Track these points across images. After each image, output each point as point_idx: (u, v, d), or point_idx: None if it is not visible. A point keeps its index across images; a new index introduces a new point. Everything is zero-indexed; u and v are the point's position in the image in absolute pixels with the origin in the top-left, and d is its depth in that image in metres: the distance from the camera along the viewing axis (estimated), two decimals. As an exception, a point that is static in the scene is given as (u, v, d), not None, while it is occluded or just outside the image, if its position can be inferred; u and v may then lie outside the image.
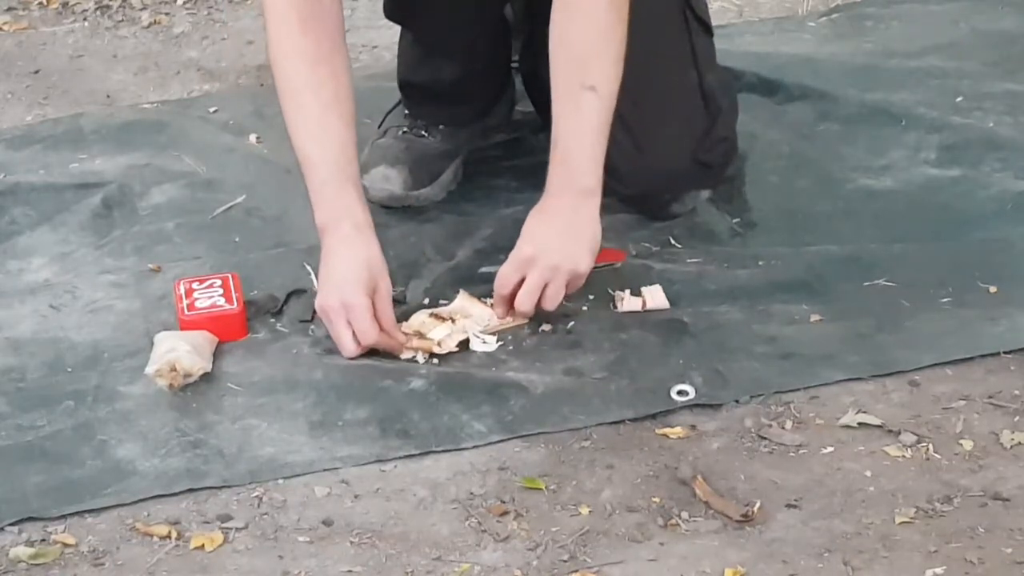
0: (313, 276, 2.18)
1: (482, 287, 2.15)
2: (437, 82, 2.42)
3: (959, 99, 2.55)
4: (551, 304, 2.04)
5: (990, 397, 1.88)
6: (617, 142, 2.24)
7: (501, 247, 2.23)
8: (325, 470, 1.83)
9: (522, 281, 2.03)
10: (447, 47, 2.41)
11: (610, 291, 2.14)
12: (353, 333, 2.01)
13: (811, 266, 2.15)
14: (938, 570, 1.63)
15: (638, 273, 2.17)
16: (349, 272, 2.04)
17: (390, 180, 2.33)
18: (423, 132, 2.40)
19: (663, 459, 1.82)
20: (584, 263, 2.04)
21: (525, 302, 2.03)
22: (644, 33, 2.19)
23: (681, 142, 2.28)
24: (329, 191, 2.07)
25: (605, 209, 2.28)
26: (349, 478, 1.82)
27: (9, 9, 3.17)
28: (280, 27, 2.11)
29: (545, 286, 2.03)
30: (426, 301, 2.15)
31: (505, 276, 2.04)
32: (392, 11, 2.39)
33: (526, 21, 2.43)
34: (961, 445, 1.81)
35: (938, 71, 2.66)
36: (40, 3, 3.20)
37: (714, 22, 2.42)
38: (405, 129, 2.41)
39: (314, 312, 2.11)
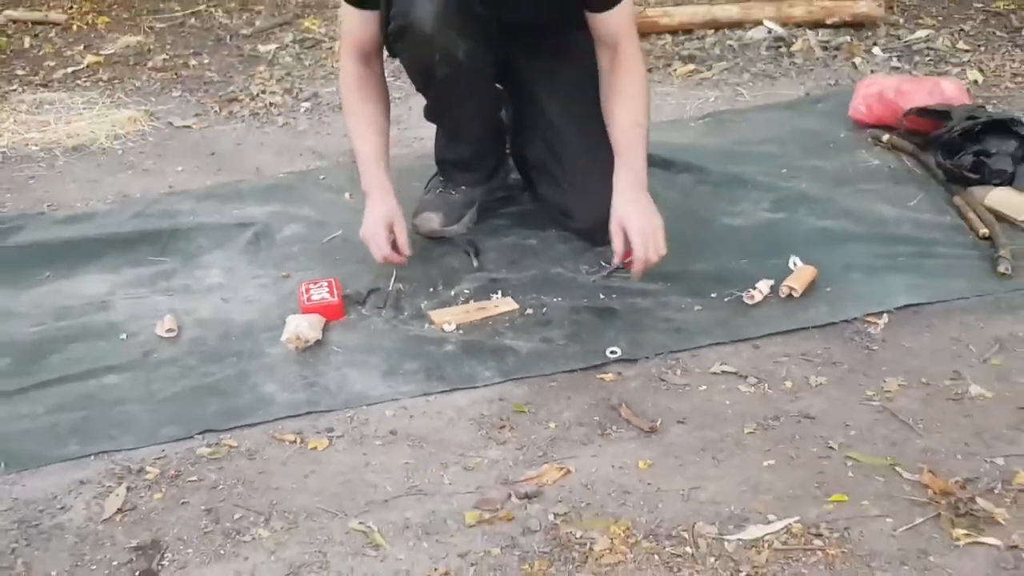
0: (393, 279, 2.19)
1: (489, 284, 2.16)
2: (459, 159, 2.40)
3: (784, 171, 2.55)
4: (658, 255, 2.02)
5: (803, 354, 1.90)
6: (571, 197, 2.25)
7: (501, 262, 2.24)
8: (391, 400, 1.84)
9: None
10: (464, 138, 2.39)
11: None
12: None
13: (693, 275, 2.15)
14: (771, 461, 1.65)
15: (581, 284, 2.16)
16: (375, 217, 2.13)
17: (432, 220, 2.32)
18: (452, 191, 2.38)
19: (601, 393, 1.83)
20: (662, 228, 2.04)
21: (650, 252, 2.01)
22: (589, 132, 2.20)
23: (610, 198, 2.24)
24: (368, 173, 2.18)
25: (564, 239, 2.29)
26: (407, 405, 1.83)
27: (197, 115, 3.17)
28: (344, 79, 2.22)
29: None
30: (452, 293, 2.14)
31: (619, 244, 2.04)
32: (429, 116, 2.37)
33: (514, 121, 2.42)
34: (785, 385, 1.83)
35: (771, 154, 2.65)
36: (215, 111, 3.20)
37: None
38: (440, 189, 2.40)
39: (386, 300, 2.13)
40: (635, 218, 2.03)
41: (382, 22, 2.13)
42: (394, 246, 2.14)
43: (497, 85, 2.34)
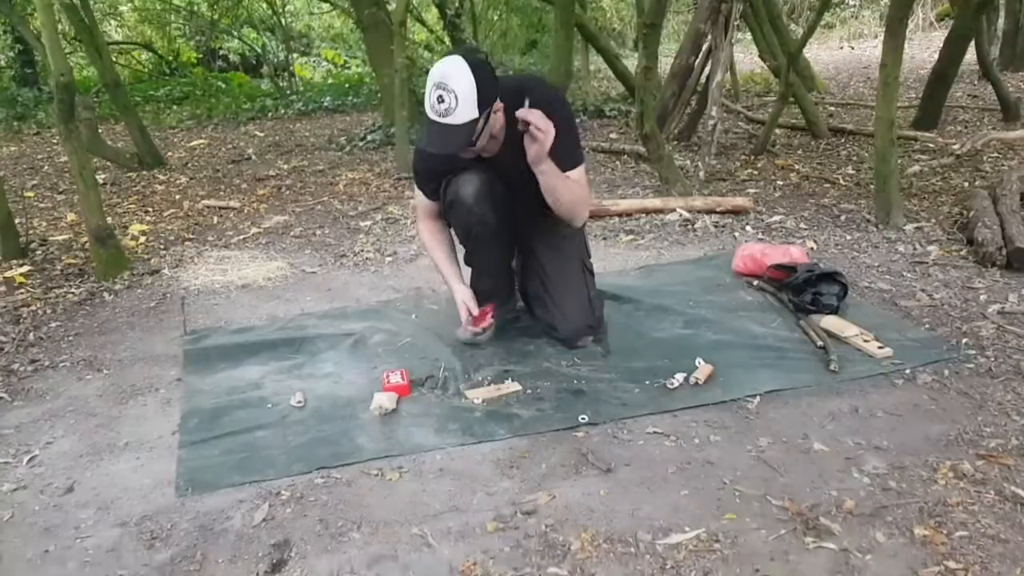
0: (442, 369, 2.17)
1: (503, 373, 2.14)
2: (484, 288, 2.40)
3: (691, 302, 2.58)
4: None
5: (706, 421, 1.89)
6: (555, 316, 2.27)
7: (510, 360, 2.24)
8: (440, 448, 1.83)
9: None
10: (489, 275, 2.41)
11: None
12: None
13: (634, 369, 2.14)
14: (686, 491, 1.63)
15: (562, 374, 2.14)
16: (461, 296, 2.27)
17: (467, 332, 2.33)
18: None
19: (576, 445, 1.82)
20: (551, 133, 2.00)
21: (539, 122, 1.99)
22: (567, 275, 2.24)
23: (581, 317, 2.28)
24: (450, 278, 2.30)
25: (551, 344, 2.29)
26: (450, 452, 1.82)
27: (320, 265, 3.24)
28: (423, 233, 2.34)
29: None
30: (480, 378, 2.13)
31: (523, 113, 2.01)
32: (466, 260, 2.39)
33: (520, 267, 2.45)
34: (694, 441, 1.81)
35: (683, 291, 2.68)
36: (331, 262, 3.27)
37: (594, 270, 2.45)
38: None
39: (437, 383, 2.11)
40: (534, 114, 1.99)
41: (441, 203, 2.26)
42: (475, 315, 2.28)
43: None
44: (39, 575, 1.49)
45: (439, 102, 1.92)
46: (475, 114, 1.93)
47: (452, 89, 1.90)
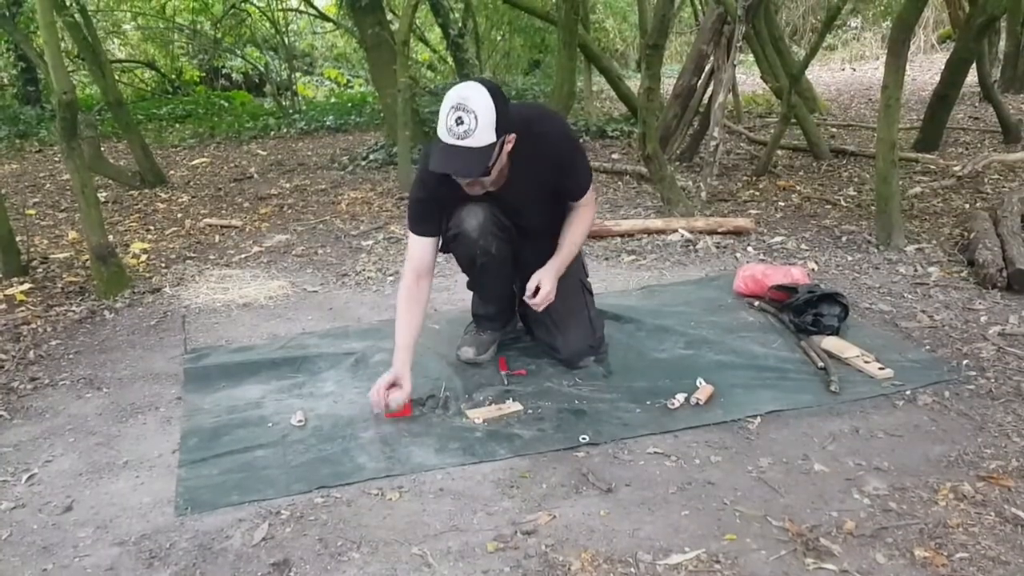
0: (444, 389, 2.18)
1: (504, 393, 2.15)
2: (486, 313, 2.45)
3: (692, 323, 2.59)
4: (546, 304, 2.15)
5: (706, 442, 1.91)
6: (556, 337, 2.29)
7: (513, 379, 2.26)
8: (440, 468, 1.84)
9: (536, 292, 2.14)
10: (491, 300, 2.44)
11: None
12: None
13: (635, 389, 2.16)
14: (686, 512, 1.64)
15: (563, 394, 2.16)
16: (385, 377, 2.06)
17: (469, 352, 2.36)
18: (482, 333, 2.43)
19: (576, 466, 1.83)
20: (554, 291, 2.15)
21: (542, 303, 2.14)
22: (567, 293, 2.26)
23: (582, 338, 2.29)
24: (397, 355, 2.08)
25: (552, 364, 2.31)
26: (451, 471, 1.83)
27: (321, 284, 3.26)
28: (401, 292, 2.15)
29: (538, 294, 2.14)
30: (481, 398, 2.14)
31: (529, 289, 2.15)
32: (469, 286, 2.44)
33: (520, 289, 2.47)
34: (695, 461, 1.82)
35: (683, 312, 2.69)
36: (333, 281, 3.29)
37: (593, 290, 2.46)
38: (474, 331, 2.45)
39: (438, 402, 2.12)
40: (544, 282, 2.13)
41: (438, 241, 2.19)
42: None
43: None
44: (38, 593, 1.50)
45: (457, 124, 1.84)
46: (493, 138, 1.88)
47: (472, 110, 1.84)
